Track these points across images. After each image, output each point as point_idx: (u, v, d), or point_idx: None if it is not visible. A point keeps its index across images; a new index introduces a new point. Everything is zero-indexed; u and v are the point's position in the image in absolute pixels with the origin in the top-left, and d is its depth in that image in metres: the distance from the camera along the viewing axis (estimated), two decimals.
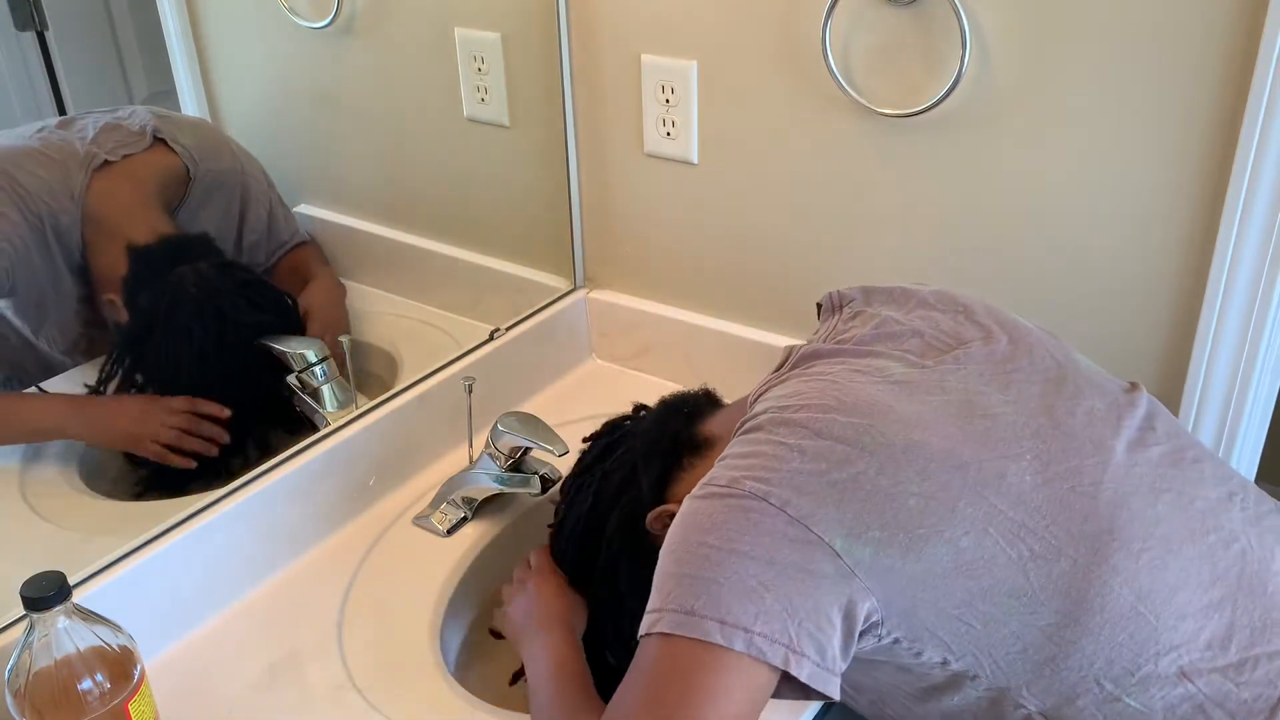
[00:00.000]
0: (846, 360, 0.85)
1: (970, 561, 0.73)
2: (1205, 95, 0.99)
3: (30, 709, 0.80)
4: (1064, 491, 0.76)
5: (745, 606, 0.70)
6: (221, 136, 1.24)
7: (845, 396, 0.79)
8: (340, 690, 0.99)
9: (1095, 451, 0.79)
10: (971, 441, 0.76)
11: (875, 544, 0.72)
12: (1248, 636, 0.75)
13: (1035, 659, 0.75)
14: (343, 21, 1.29)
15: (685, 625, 0.71)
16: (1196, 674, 0.74)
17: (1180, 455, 0.83)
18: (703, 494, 0.76)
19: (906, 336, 0.87)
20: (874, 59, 1.15)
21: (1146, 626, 0.74)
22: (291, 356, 1.20)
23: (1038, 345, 0.88)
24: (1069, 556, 0.74)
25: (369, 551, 1.16)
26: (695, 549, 0.73)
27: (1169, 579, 0.75)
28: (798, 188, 1.26)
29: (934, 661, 0.76)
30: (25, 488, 1.06)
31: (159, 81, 1.17)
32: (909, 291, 0.95)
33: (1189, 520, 0.78)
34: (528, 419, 1.15)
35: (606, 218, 1.45)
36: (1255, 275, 1.02)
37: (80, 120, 1.10)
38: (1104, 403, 0.84)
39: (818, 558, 0.72)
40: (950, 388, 0.81)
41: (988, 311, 0.91)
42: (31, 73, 1.03)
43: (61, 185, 1.06)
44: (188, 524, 1.04)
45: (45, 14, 1.02)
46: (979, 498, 0.74)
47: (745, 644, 0.70)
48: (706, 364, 1.41)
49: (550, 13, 1.33)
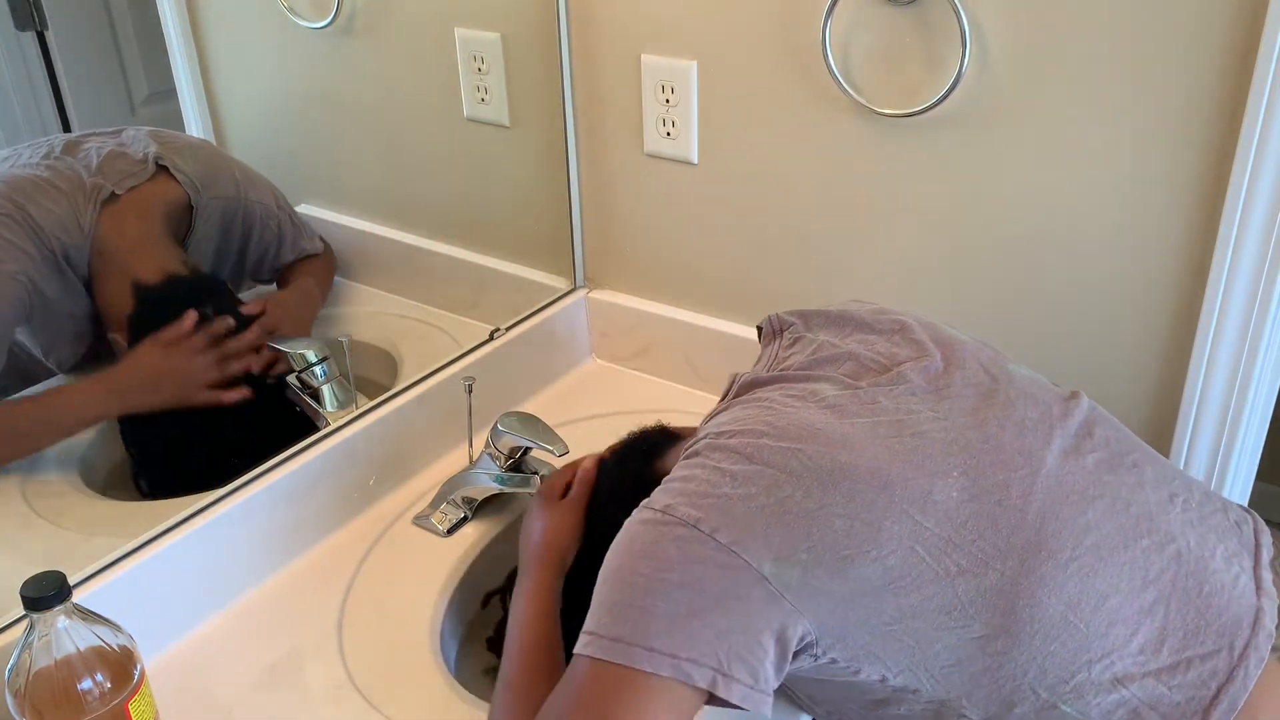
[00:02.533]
0: (783, 386, 0.88)
1: (898, 579, 0.75)
2: (1205, 94, 0.99)
3: (30, 709, 0.80)
4: (990, 506, 0.77)
5: (673, 633, 0.73)
6: (223, 160, 1.24)
7: (777, 421, 0.81)
8: (340, 690, 0.99)
9: (1025, 463, 0.80)
10: (898, 461, 0.78)
11: (803, 566, 0.74)
12: (1180, 639, 0.76)
13: (970, 670, 0.76)
14: (343, 21, 1.29)
15: (613, 651, 0.74)
16: (1130, 679, 0.75)
17: (1118, 461, 0.84)
18: (640, 518, 0.79)
19: (842, 360, 0.90)
20: (874, 59, 1.15)
21: (1077, 635, 0.75)
22: (291, 357, 1.21)
23: (971, 359, 0.90)
24: (996, 569, 0.75)
25: (369, 551, 1.16)
26: (628, 576, 0.76)
27: (1099, 586, 0.76)
28: (797, 188, 1.26)
29: (873, 679, 0.78)
30: (25, 488, 1.06)
31: (159, 81, 1.17)
32: (847, 314, 0.97)
33: (1122, 526, 0.79)
34: (528, 419, 1.15)
35: (606, 218, 1.45)
36: (1255, 275, 1.02)
37: (85, 144, 1.10)
38: (1037, 413, 0.85)
39: (746, 583, 0.74)
40: (883, 408, 0.84)
41: (924, 328, 0.93)
42: (31, 73, 1.03)
43: (72, 219, 1.07)
44: (188, 524, 1.04)
45: (45, 14, 1.02)
46: (905, 516, 0.76)
47: (672, 669, 0.72)
48: (706, 364, 1.41)
49: (550, 13, 1.33)
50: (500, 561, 1.17)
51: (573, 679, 0.76)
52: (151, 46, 1.14)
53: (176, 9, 1.15)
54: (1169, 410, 1.13)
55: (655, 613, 0.74)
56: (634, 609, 0.75)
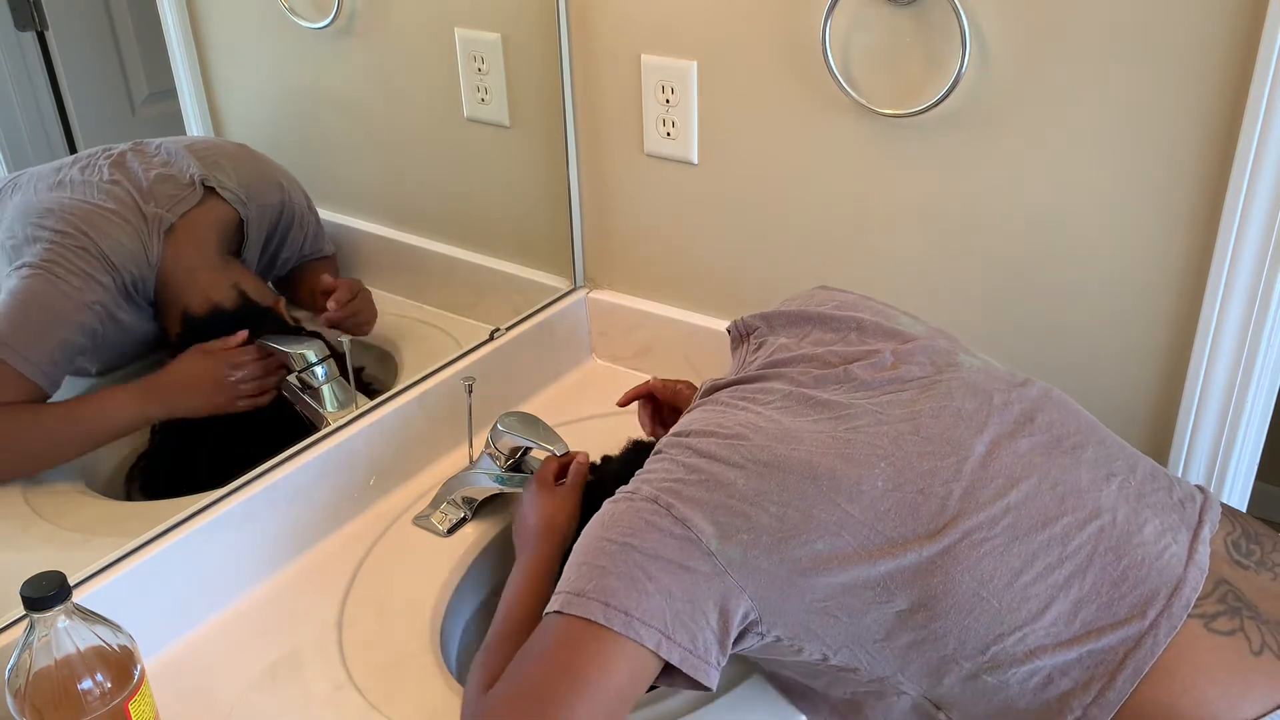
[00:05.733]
0: (738, 388, 0.97)
1: (826, 560, 0.82)
2: (1205, 94, 0.99)
3: (30, 709, 0.80)
4: (913, 495, 0.84)
5: (629, 592, 0.81)
6: (266, 165, 1.27)
7: (725, 420, 0.91)
8: (340, 690, 0.99)
9: (953, 452, 0.86)
10: (830, 454, 0.86)
11: (743, 545, 0.82)
12: (1094, 610, 0.81)
13: (898, 645, 0.82)
14: (343, 21, 1.29)
15: (574, 605, 0.81)
16: (1042, 651, 0.80)
17: (1056, 445, 0.89)
18: (613, 499, 0.88)
19: (796, 362, 0.97)
20: (874, 59, 1.15)
21: (990, 609, 0.81)
22: (292, 356, 1.20)
23: (920, 353, 0.96)
24: (915, 551, 0.82)
25: (369, 551, 1.16)
26: (595, 543, 0.85)
27: (1012, 564, 0.81)
28: (797, 188, 1.26)
29: (815, 658, 0.85)
30: (25, 488, 1.06)
31: (159, 81, 1.17)
32: (806, 314, 1.04)
33: (1043, 505, 0.84)
34: (528, 419, 1.15)
35: (606, 218, 1.45)
36: (1255, 275, 1.02)
37: (131, 164, 1.13)
38: (974, 404, 0.91)
39: (695, 555, 0.82)
40: (825, 404, 0.91)
41: (879, 324, 1.00)
42: (31, 73, 1.03)
43: (140, 251, 1.12)
44: (188, 524, 1.04)
45: (45, 14, 1.02)
46: (833, 505, 0.83)
47: (624, 626, 0.79)
48: (706, 364, 1.41)
49: (550, 13, 1.33)
50: (501, 561, 1.17)
51: (540, 633, 0.84)
52: (151, 46, 1.14)
53: (176, 9, 1.15)
54: (1169, 410, 1.13)
55: (615, 573, 0.82)
56: (596, 569, 0.82)
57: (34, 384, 1.05)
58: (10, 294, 1.04)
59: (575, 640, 0.81)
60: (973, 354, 0.99)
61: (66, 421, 1.09)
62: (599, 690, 0.79)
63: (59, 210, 1.07)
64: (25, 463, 1.06)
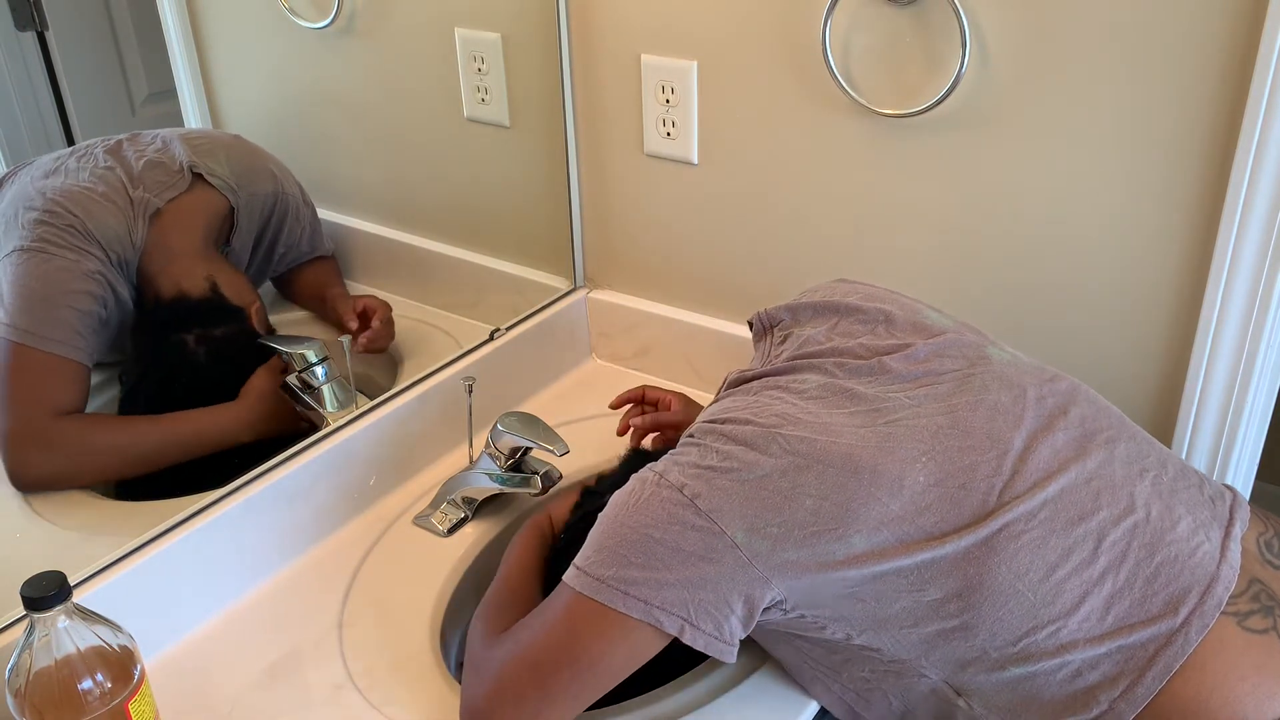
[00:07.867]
0: (769, 379, 0.96)
1: (862, 554, 0.82)
2: (1205, 93, 0.99)
3: (30, 709, 0.80)
4: (954, 489, 0.84)
5: (648, 583, 0.82)
6: (258, 155, 1.26)
7: (760, 409, 0.90)
8: (340, 690, 0.99)
9: (991, 446, 0.86)
10: (871, 448, 0.85)
11: (773, 538, 0.82)
12: (1127, 606, 0.81)
13: (926, 631, 0.83)
14: (343, 21, 1.29)
15: (593, 588, 0.83)
16: (1074, 645, 0.80)
17: (1089, 440, 0.89)
18: (641, 475, 0.89)
19: (828, 354, 0.96)
20: (874, 59, 1.15)
21: (1025, 603, 0.81)
22: (292, 356, 1.20)
23: (951, 347, 0.95)
24: (953, 543, 0.82)
25: (369, 551, 1.16)
26: (618, 527, 0.85)
27: (1048, 558, 0.82)
28: (797, 188, 1.26)
29: (839, 636, 0.86)
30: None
31: (159, 81, 1.17)
32: (833, 304, 1.03)
33: (1080, 500, 0.84)
34: (528, 419, 1.15)
35: (606, 218, 1.45)
36: (1255, 275, 1.02)
37: (124, 151, 1.13)
38: (1009, 397, 0.90)
39: (719, 548, 0.82)
40: (861, 397, 0.90)
41: (908, 316, 0.99)
42: (31, 73, 1.03)
43: (125, 234, 1.12)
44: (188, 524, 1.04)
45: (45, 14, 1.02)
46: (873, 499, 0.82)
47: (642, 613, 0.82)
48: (706, 364, 1.41)
49: (550, 13, 1.33)
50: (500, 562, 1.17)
51: (553, 604, 0.86)
52: (151, 46, 1.14)
53: (176, 9, 1.15)
54: (1169, 410, 1.13)
55: (636, 563, 0.83)
56: (618, 556, 0.84)
57: (66, 360, 1.05)
58: (9, 282, 1.04)
59: (588, 618, 0.83)
60: (1000, 347, 0.98)
61: (172, 433, 1.15)
62: (596, 668, 0.83)
63: (48, 193, 1.07)
64: (135, 466, 1.12)
